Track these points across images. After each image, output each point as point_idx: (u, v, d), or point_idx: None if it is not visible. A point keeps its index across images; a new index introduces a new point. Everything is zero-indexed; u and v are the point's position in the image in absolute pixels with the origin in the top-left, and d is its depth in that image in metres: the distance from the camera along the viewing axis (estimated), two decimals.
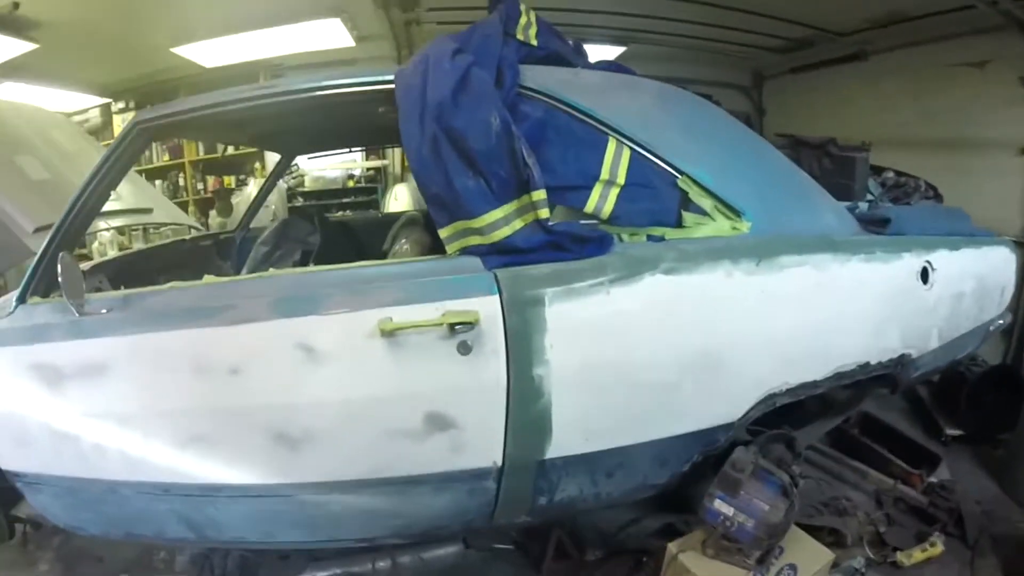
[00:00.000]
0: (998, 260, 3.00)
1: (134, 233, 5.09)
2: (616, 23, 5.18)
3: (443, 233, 1.77)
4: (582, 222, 1.92)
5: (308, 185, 8.23)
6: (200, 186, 8.14)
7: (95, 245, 5.18)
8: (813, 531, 2.86)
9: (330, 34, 5.10)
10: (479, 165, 1.67)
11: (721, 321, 1.90)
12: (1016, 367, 4.09)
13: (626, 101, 2.10)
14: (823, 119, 5.86)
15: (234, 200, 6.97)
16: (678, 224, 2.01)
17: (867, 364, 2.33)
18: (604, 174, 1.90)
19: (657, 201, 1.98)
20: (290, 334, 1.71)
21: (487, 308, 1.65)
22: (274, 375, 1.74)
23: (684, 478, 2.07)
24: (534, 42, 2.09)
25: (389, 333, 1.64)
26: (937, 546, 2.82)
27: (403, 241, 2.67)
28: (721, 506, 1.96)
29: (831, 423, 2.91)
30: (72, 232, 2.03)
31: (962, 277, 2.72)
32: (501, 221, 1.70)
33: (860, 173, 2.69)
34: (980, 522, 3.13)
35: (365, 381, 1.72)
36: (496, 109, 1.67)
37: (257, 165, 7.75)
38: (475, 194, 1.68)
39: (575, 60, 2.26)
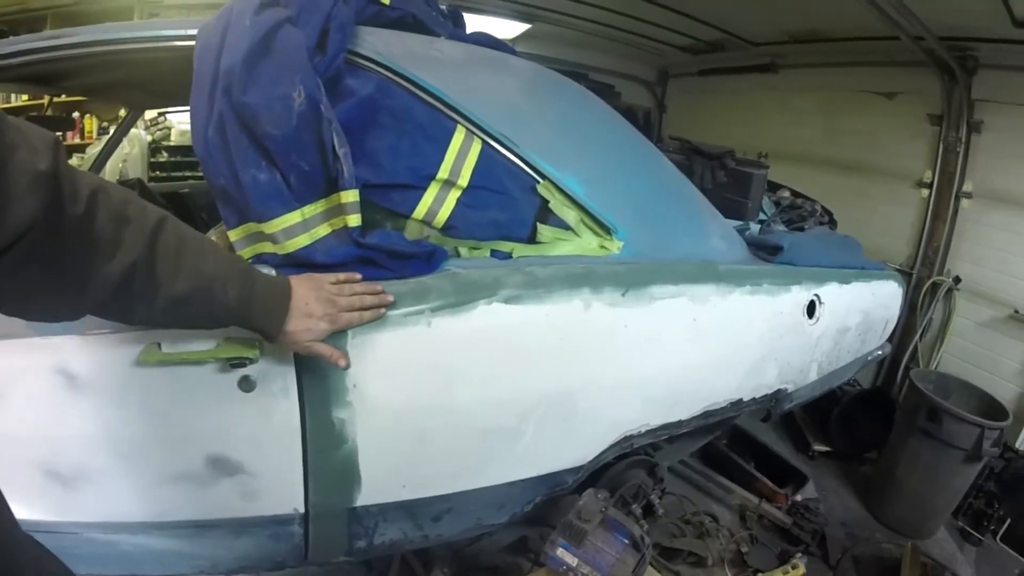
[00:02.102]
0: (886, 294, 2.70)
1: None
2: None
3: (232, 236, 1.25)
4: (426, 234, 1.45)
5: (175, 139, 6.26)
6: None
7: None
8: (673, 553, 2.57)
9: None
10: (274, 155, 1.17)
11: (573, 361, 1.51)
12: (887, 390, 3.86)
13: (489, 83, 1.57)
14: (725, 125, 5.50)
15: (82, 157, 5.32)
16: (532, 239, 1.55)
17: (739, 401, 2.03)
18: (443, 172, 1.40)
19: (507, 209, 1.50)
20: (47, 356, 1.20)
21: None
22: (34, 403, 1.24)
23: (533, 517, 1.75)
24: (386, 1, 1.49)
25: (154, 364, 1.16)
26: (799, 568, 2.56)
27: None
28: (564, 555, 1.58)
29: (700, 442, 2.59)
30: None
31: (849, 312, 2.40)
32: (299, 227, 1.21)
33: (755, 191, 2.32)
34: (843, 543, 2.90)
35: (134, 416, 1.24)
36: (303, 82, 1.16)
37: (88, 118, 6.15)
38: (267, 191, 1.18)
39: (438, 28, 1.65)
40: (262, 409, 1.24)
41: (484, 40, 1.74)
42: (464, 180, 1.41)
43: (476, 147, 1.44)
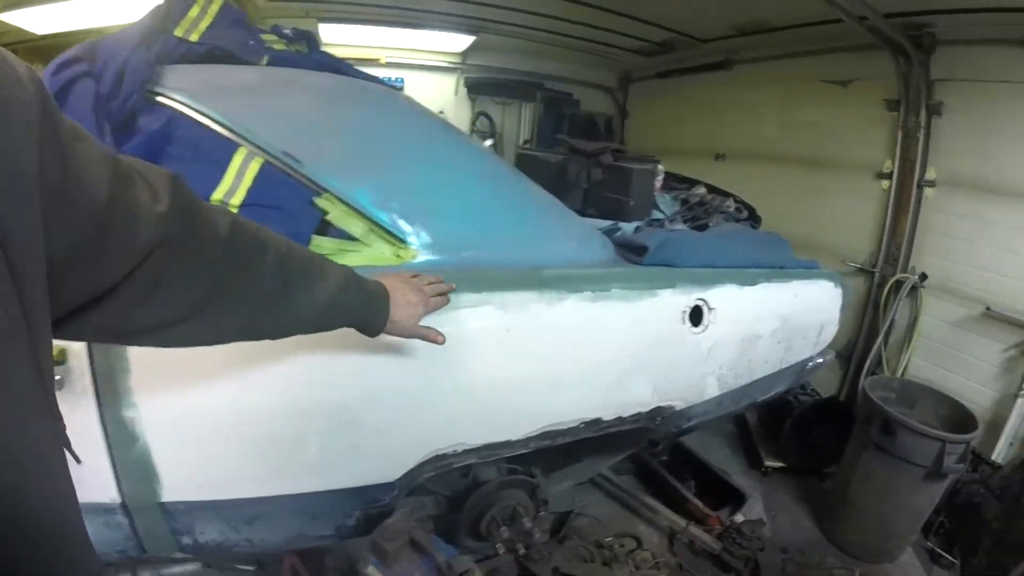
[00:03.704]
0: (815, 296, 2.30)
1: None
2: (463, 10, 4.25)
3: None
4: None
5: None
6: None
7: None
8: None
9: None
10: None
11: (357, 375, 1.35)
12: (845, 400, 3.38)
13: (278, 104, 1.49)
14: (684, 126, 5.13)
15: None
16: None
17: (599, 421, 1.71)
18: (218, 193, 1.32)
19: (285, 224, 1.33)
20: None
21: (74, 344, 1.22)
22: None
23: (364, 530, 1.54)
24: (194, 38, 1.49)
25: None
26: None
27: None
28: (374, 572, 1.43)
29: (609, 460, 2.24)
30: None
31: (757, 317, 2.03)
32: None
33: (638, 188, 1.97)
34: (784, 569, 2.44)
35: None
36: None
37: None
38: None
39: (252, 55, 1.60)
40: (72, 406, 1.22)
41: (317, 62, 1.72)
42: (239, 199, 1.33)
43: (255, 166, 1.36)
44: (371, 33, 4.79)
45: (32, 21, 3.97)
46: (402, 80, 5.31)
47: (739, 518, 2.63)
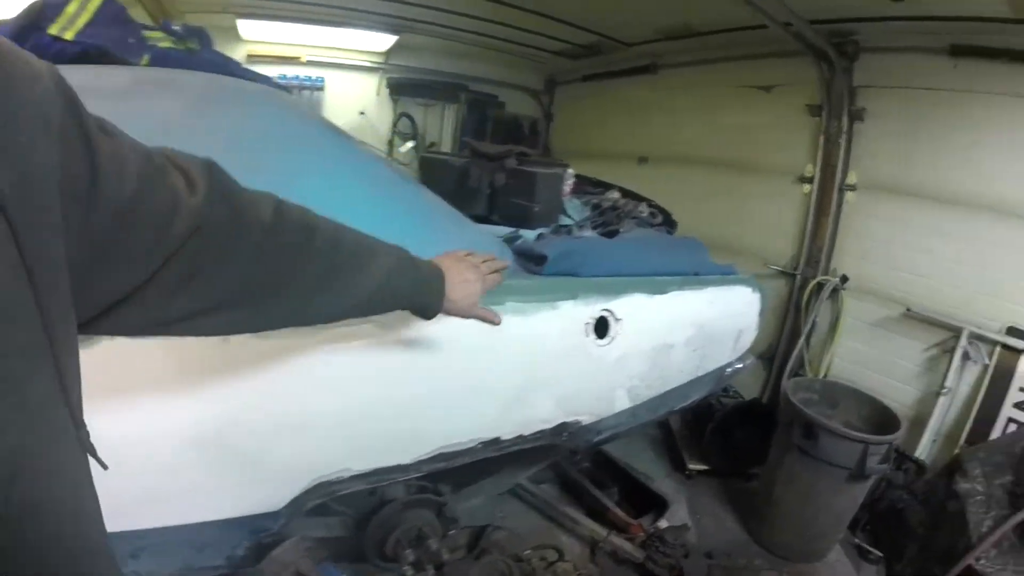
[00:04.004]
0: (732, 302, 2.27)
1: None
2: (386, 9, 4.14)
3: None
4: None
5: None
6: None
7: None
8: None
9: None
10: None
11: (215, 400, 1.22)
12: (767, 402, 3.40)
13: (145, 106, 1.32)
14: (609, 130, 5.08)
15: None
16: None
17: (498, 440, 1.63)
18: None
19: None
20: None
21: None
22: None
23: (255, 559, 1.43)
24: (69, 36, 1.36)
25: None
26: None
27: None
28: None
29: (522, 473, 2.18)
30: None
31: (669, 326, 1.98)
32: None
33: (544, 193, 1.90)
34: (711, 574, 2.41)
35: None
36: None
37: None
38: None
39: (131, 55, 1.48)
40: None
41: (205, 61, 1.62)
42: None
43: None
44: (292, 30, 4.60)
45: None
46: (323, 80, 5.11)
47: (663, 524, 2.60)
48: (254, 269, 0.68)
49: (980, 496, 2.01)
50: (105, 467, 0.52)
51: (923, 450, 2.96)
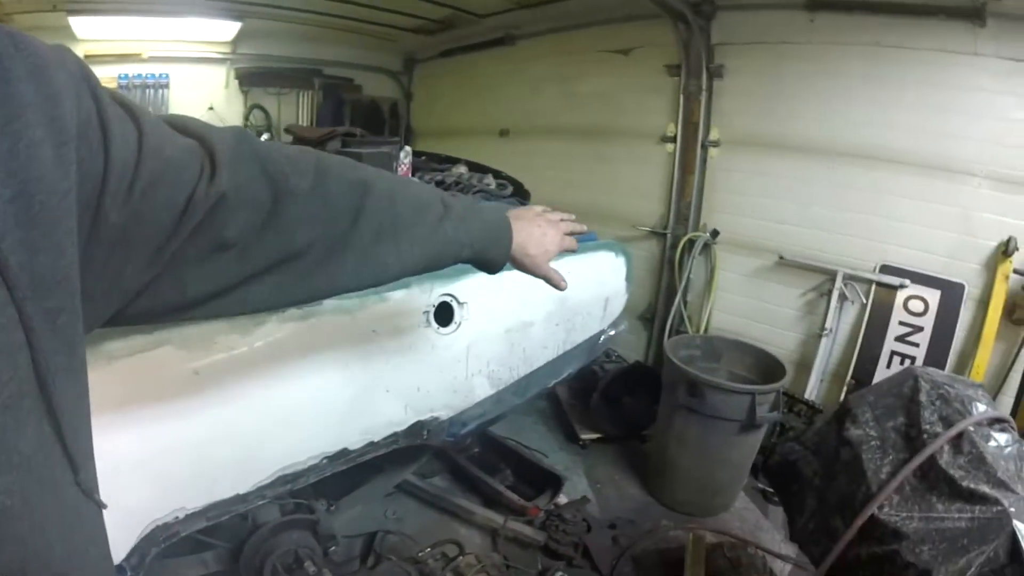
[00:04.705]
0: (595, 269, 2.22)
1: None
2: None
3: None
4: None
5: None
6: None
7: None
8: None
9: None
10: None
11: None
12: (653, 363, 3.43)
13: None
14: (468, 105, 5.00)
15: None
16: None
17: (345, 451, 1.51)
18: None
19: None
20: None
21: None
22: None
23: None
24: None
25: None
26: None
27: None
28: None
29: (398, 475, 2.10)
30: None
31: (523, 303, 1.90)
32: None
33: None
34: (611, 548, 2.38)
35: None
36: None
37: None
38: None
39: None
40: None
41: None
42: None
43: None
44: (130, 25, 4.21)
45: None
46: (167, 75, 4.72)
47: (562, 500, 2.57)
48: (302, 232, 0.64)
49: (875, 441, 1.95)
50: (103, 507, 0.52)
51: (811, 391, 3.06)
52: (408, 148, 2.07)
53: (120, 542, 1.20)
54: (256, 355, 1.27)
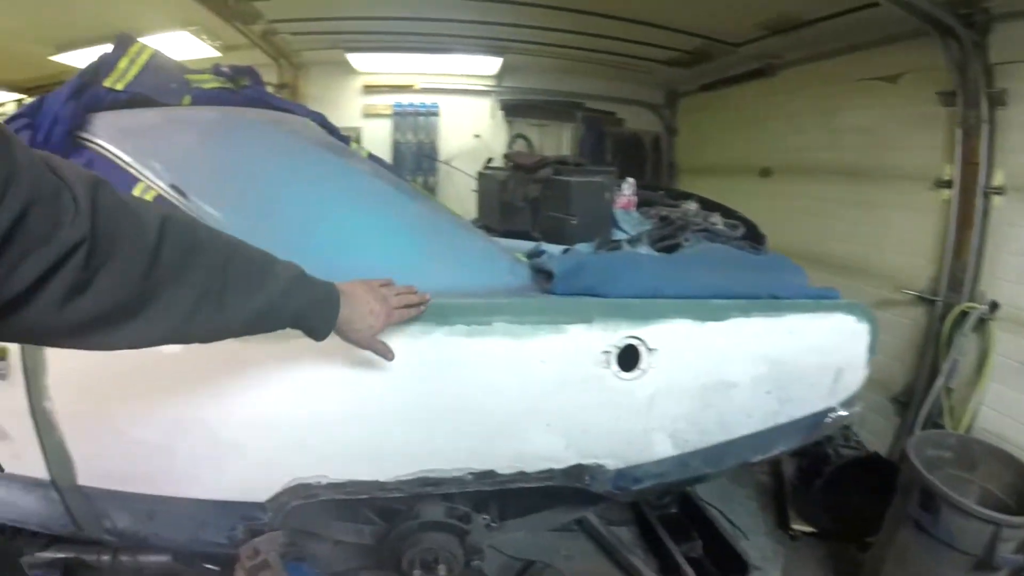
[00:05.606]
0: (825, 333, 1.82)
1: None
2: (485, 32, 4.03)
3: None
4: None
5: None
6: None
7: None
8: None
9: (189, 45, 4.09)
10: None
11: (205, 393, 1.40)
12: (898, 455, 2.69)
13: (172, 141, 1.56)
14: (729, 141, 4.62)
15: None
16: None
17: (493, 473, 1.50)
18: None
19: None
20: None
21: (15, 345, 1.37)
22: None
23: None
24: (120, 86, 1.58)
25: None
26: None
27: None
28: None
29: (568, 514, 1.94)
30: None
31: (726, 359, 1.60)
32: None
33: (582, 204, 1.67)
34: None
35: None
36: None
37: None
38: None
39: (170, 98, 1.67)
40: (9, 394, 1.38)
41: (244, 97, 1.78)
42: None
43: (149, 198, 1.44)
44: (401, 60, 4.77)
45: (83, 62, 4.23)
46: (437, 105, 5.30)
47: None
48: (137, 285, 0.68)
49: None
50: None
51: None
52: (631, 180, 1.95)
53: (264, 484, 1.47)
54: (415, 359, 1.32)
